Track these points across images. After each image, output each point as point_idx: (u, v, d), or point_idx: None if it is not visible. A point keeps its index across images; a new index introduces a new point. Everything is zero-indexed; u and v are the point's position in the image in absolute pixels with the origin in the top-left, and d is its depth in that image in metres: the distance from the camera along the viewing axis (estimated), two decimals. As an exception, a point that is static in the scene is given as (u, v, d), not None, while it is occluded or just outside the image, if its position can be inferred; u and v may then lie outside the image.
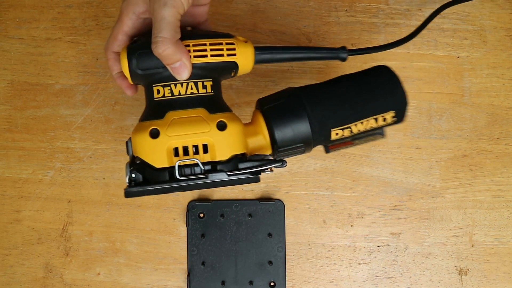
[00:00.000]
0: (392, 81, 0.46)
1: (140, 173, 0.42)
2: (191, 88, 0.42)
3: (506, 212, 0.61)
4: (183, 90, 0.42)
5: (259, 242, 0.59)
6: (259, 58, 0.45)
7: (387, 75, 0.46)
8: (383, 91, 0.45)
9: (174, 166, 0.41)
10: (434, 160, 0.61)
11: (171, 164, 0.41)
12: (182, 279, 0.60)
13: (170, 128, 0.41)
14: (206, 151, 0.42)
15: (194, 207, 0.59)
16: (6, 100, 0.60)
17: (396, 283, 0.60)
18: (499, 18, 0.61)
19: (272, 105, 0.45)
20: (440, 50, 0.61)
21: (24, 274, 0.60)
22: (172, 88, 0.42)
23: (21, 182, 0.60)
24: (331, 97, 0.45)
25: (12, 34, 0.60)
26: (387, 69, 0.47)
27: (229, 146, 0.42)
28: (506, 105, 0.61)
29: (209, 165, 0.42)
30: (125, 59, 0.42)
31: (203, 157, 0.41)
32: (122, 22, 0.43)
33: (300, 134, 0.44)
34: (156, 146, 0.41)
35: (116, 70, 0.46)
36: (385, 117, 0.46)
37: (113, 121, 0.60)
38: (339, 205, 0.60)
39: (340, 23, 0.60)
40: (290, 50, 0.46)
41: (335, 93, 0.45)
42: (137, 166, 0.42)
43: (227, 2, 0.60)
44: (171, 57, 0.39)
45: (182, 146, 0.41)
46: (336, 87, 0.46)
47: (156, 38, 0.39)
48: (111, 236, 0.60)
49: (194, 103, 0.42)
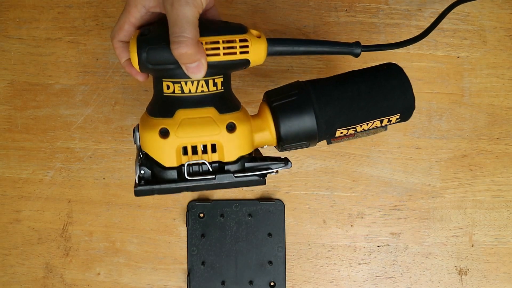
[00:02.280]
0: (404, 84, 0.45)
1: (148, 169, 0.42)
2: (201, 87, 0.41)
3: (506, 212, 0.61)
4: (194, 89, 0.41)
5: (259, 242, 0.59)
6: (271, 51, 0.43)
7: (398, 77, 0.45)
8: (394, 95, 0.45)
9: (183, 165, 0.41)
10: (434, 160, 0.61)
11: (180, 163, 0.41)
12: (182, 279, 0.60)
13: (180, 129, 0.41)
14: (214, 151, 0.42)
15: (194, 207, 0.59)
16: (6, 100, 0.60)
17: (396, 283, 0.60)
18: (499, 18, 0.61)
19: (281, 103, 0.44)
20: (440, 50, 0.61)
21: (24, 274, 0.60)
22: (182, 86, 0.41)
23: (21, 182, 0.60)
24: (341, 98, 0.44)
25: (12, 34, 0.60)
26: (399, 69, 0.46)
27: (237, 148, 0.42)
28: (506, 105, 0.61)
29: (216, 164, 0.42)
30: (134, 52, 0.40)
31: (211, 156, 0.42)
32: (130, 13, 0.42)
33: (307, 132, 0.44)
34: (165, 145, 0.41)
35: (124, 58, 0.45)
36: (390, 119, 0.46)
37: (113, 121, 0.60)
38: (339, 205, 0.60)
39: (340, 23, 0.60)
40: (303, 43, 0.45)
41: (345, 93, 0.44)
42: (145, 162, 0.42)
43: (227, 2, 0.60)
44: (191, 57, 0.38)
45: (191, 145, 0.41)
46: (347, 87, 0.45)
47: (178, 38, 0.37)
48: (111, 236, 0.60)
49: (204, 102, 0.41)
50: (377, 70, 0.46)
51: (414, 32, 0.60)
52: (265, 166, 0.43)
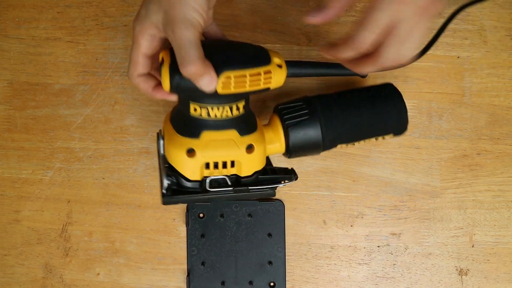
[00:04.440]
0: (399, 107, 0.52)
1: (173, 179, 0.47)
2: (226, 112, 0.45)
3: (507, 212, 0.60)
4: (219, 114, 0.45)
5: (259, 242, 0.59)
6: (288, 74, 0.47)
7: (395, 99, 0.52)
8: (391, 118, 0.52)
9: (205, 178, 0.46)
10: (434, 160, 0.60)
11: (202, 176, 0.46)
12: (182, 279, 0.60)
13: (205, 150, 0.45)
14: (233, 166, 0.47)
15: (194, 207, 0.59)
16: (5, 100, 0.60)
17: (396, 283, 0.60)
18: (500, 17, 0.61)
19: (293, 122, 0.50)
20: (440, 50, 0.61)
21: (24, 274, 0.60)
22: (208, 110, 0.44)
23: (20, 182, 0.60)
24: (345, 123, 0.51)
25: (12, 34, 0.60)
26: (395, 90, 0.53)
27: (253, 165, 0.48)
28: (507, 105, 0.61)
29: (234, 176, 0.47)
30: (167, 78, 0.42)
31: (230, 170, 0.47)
32: (140, 45, 0.43)
33: (313, 147, 0.51)
34: (191, 163, 0.45)
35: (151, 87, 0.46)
36: (385, 137, 0.53)
37: (113, 121, 0.60)
38: (339, 205, 0.60)
39: (340, 23, 0.60)
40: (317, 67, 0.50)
41: (348, 117, 0.51)
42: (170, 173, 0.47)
43: (227, 2, 0.60)
44: (200, 74, 0.40)
45: (213, 162, 0.46)
46: (350, 111, 0.51)
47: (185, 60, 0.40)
48: (110, 236, 0.60)
49: (228, 125, 0.46)
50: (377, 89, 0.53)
51: (414, 32, 0.60)
52: (275, 179, 0.49)
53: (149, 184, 0.60)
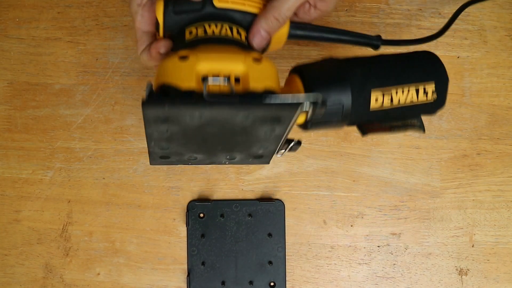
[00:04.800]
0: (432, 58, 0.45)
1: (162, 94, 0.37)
2: (225, 30, 0.40)
3: (507, 212, 0.60)
4: (217, 30, 0.39)
5: (259, 242, 0.59)
6: (292, 34, 0.44)
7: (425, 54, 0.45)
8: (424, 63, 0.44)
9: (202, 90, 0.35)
10: (434, 160, 0.60)
11: (199, 87, 0.35)
12: (182, 279, 0.60)
13: (201, 53, 0.37)
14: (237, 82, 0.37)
15: (194, 207, 0.59)
16: (5, 100, 0.60)
17: (396, 283, 0.60)
18: (500, 17, 0.61)
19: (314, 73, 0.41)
20: (440, 50, 0.61)
21: (24, 274, 0.60)
22: (205, 27, 0.39)
23: (20, 182, 0.60)
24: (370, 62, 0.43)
25: (12, 34, 0.60)
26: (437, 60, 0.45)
27: (263, 77, 0.37)
28: (507, 105, 0.61)
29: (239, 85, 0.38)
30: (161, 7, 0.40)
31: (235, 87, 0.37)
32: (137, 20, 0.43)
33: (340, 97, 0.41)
34: (184, 67, 0.36)
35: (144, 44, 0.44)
36: (426, 90, 0.43)
37: (113, 121, 0.60)
38: (339, 205, 0.60)
39: (340, 23, 0.60)
40: (323, 30, 0.46)
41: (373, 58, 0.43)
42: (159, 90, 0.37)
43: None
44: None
45: (212, 74, 0.36)
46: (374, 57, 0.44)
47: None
48: (111, 236, 0.60)
49: (228, 41, 0.39)
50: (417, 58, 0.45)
51: (414, 32, 0.60)
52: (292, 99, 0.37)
53: (149, 184, 0.60)
